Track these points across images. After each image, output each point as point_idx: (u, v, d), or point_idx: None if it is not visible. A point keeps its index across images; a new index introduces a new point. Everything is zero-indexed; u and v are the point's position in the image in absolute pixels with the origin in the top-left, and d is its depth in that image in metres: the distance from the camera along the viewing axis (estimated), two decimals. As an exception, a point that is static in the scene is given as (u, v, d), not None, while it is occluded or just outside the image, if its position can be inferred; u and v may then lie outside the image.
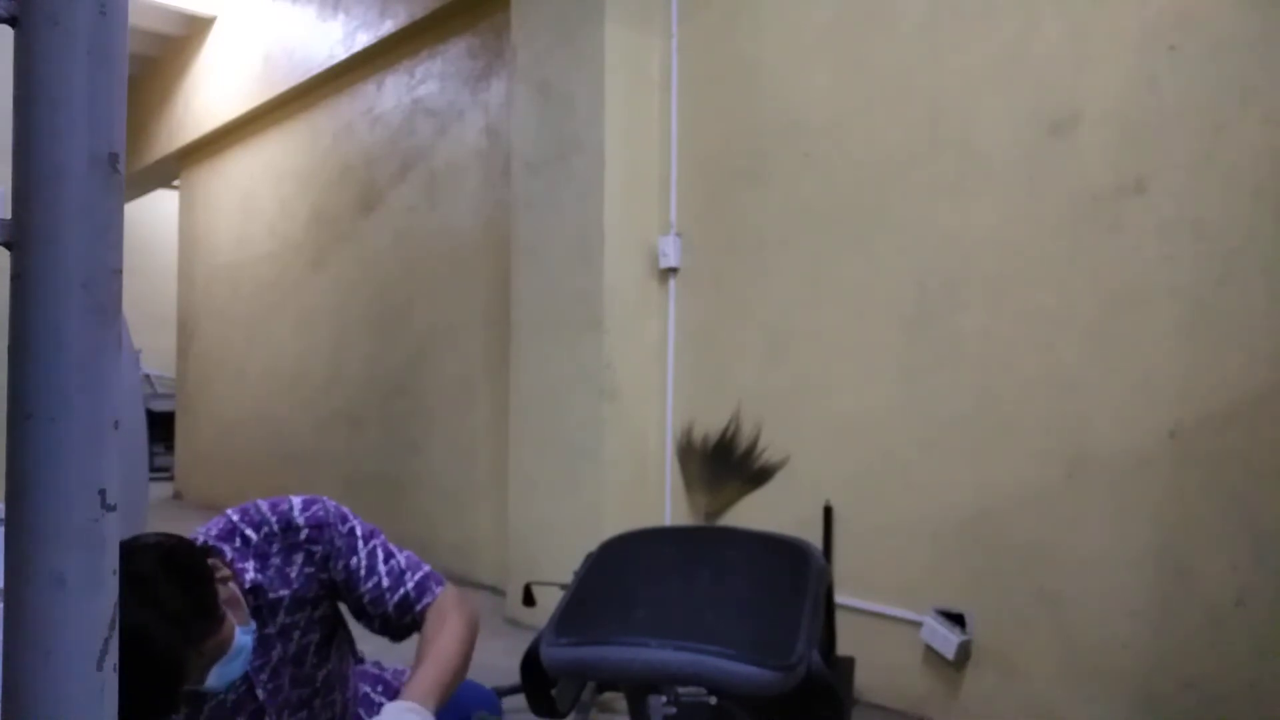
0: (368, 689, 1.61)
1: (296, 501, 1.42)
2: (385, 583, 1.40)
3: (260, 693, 1.38)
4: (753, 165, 3.31)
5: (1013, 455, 2.59)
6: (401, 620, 1.42)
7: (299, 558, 1.38)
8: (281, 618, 1.38)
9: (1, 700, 0.52)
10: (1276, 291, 2.15)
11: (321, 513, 1.41)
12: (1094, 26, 2.46)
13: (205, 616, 1.20)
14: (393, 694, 1.61)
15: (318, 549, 1.39)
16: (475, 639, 1.41)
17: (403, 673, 1.65)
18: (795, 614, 1.57)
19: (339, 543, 1.41)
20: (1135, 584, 2.34)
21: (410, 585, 1.42)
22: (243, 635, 1.28)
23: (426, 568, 1.47)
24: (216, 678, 1.24)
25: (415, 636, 1.45)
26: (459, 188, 4.77)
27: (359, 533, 1.43)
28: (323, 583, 1.41)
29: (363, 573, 1.40)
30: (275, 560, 1.38)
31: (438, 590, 1.44)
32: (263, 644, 1.36)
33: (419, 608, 1.41)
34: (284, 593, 1.38)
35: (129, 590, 1.09)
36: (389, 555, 1.43)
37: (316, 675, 1.46)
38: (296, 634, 1.41)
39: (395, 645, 1.53)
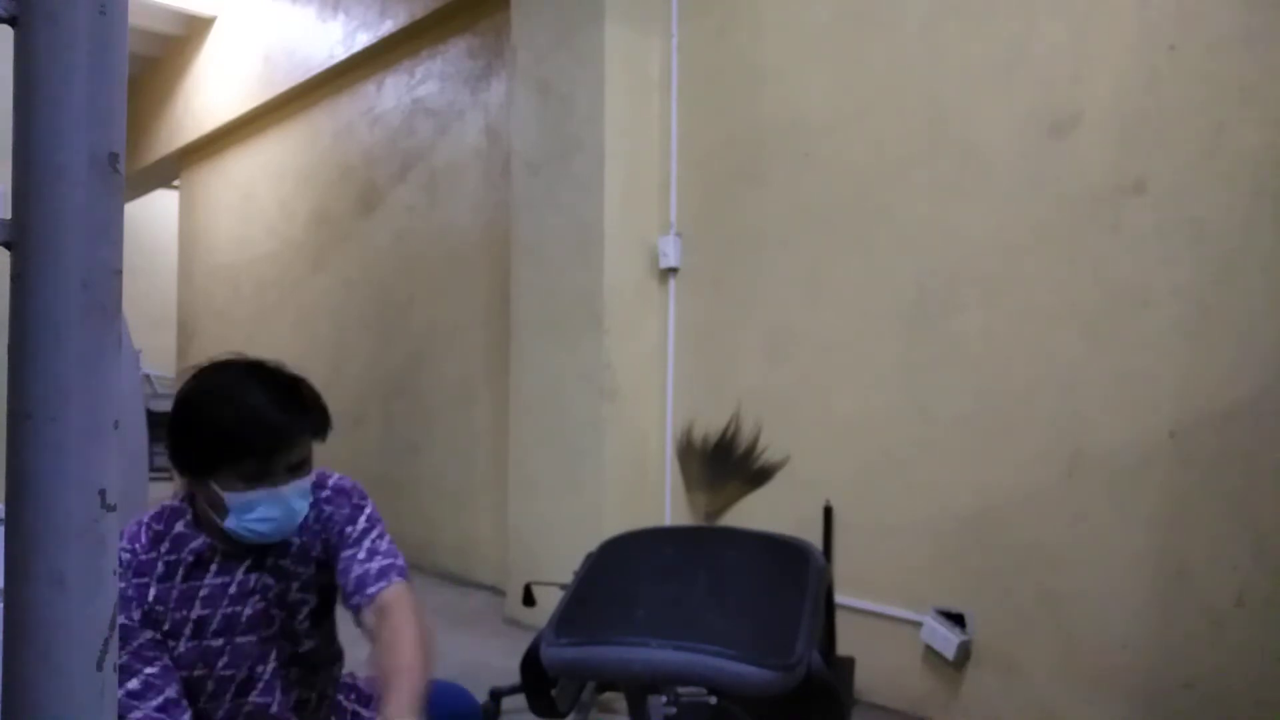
0: (340, 697, 1.63)
1: (332, 472, 1.56)
2: (361, 555, 1.47)
3: (273, 611, 1.45)
4: (753, 165, 3.31)
5: (1013, 455, 2.59)
6: (350, 600, 1.43)
7: (312, 514, 1.48)
8: (287, 562, 1.47)
9: (2, 700, 0.52)
10: (1276, 291, 2.15)
11: (347, 484, 1.55)
12: (1094, 26, 2.46)
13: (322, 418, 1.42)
14: (365, 700, 1.63)
15: (329, 509, 1.50)
16: (432, 636, 1.41)
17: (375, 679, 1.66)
18: (795, 614, 1.57)
19: (347, 509, 1.52)
20: (1135, 584, 2.34)
21: (375, 566, 1.45)
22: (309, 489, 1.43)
23: (400, 562, 1.49)
24: (294, 494, 1.38)
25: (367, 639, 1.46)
26: (459, 188, 4.77)
27: (366, 510, 1.54)
28: (323, 542, 1.50)
29: (351, 540, 1.49)
30: None
31: (394, 579, 1.44)
32: (275, 570, 1.45)
33: (371, 590, 1.42)
34: (295, 540, 1.47)
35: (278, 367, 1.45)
36: (379, 537, 1.51)
37: (303, 641, 1.50)
38: (295, 585, 1.48)
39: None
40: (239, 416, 1.33)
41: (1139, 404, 2.35)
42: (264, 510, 1.36)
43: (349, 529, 1.50)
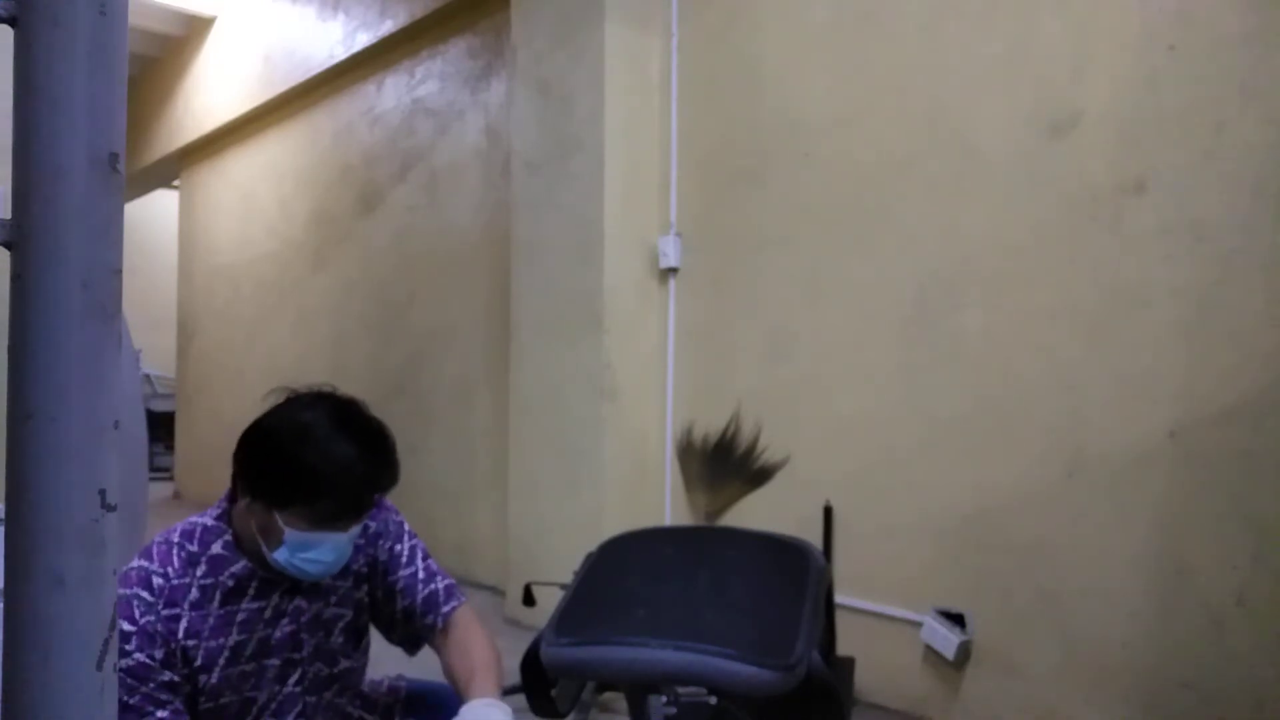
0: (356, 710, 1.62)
1: None
2: (421, 574, 1.52)
3: (302, 636, 1.44)
4: (753, 165, 3.31)
5: (1012, 455, 2.59)
6: (424, 618, 1.51)
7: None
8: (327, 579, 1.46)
9: (2, 700, 0.52)
10: (1276, 291, 2.15)
11: (381, 496, 1.52)
12: (1094, 26, 2.46)
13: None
14: (370, 705, 1.61)
15: (372, 525, 1.50)
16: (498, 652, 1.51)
17: (380, 683, 1.66)
18: (795, 614, 1.57)
19: (391, 526, 1.53)
20: (1135, 584, 2.34)
21: (440, 586, 1.53)
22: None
23: (453, 579, 1.57)
24: (350, 539, 1.37)
25: (432, 649, 1.53)
26: (459, 188, 4.77)
27: (406, 527, 1.56)
28: (368, 558, 1.50)
29: (404, 559, 1.52)
30: None
31: (463, 599, 1.55)
32: (311, 592, 1.44)
33: (445, 609, 1.52)
34: None
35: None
36: (426, 555, 1.56)
37: (338, 660, 1.49)
38: (334, 600, 1.47)
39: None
40: (331, 465, 1.30)
41: (1139, 404, 2.35)
42: (319, 553, 1.34)
43: (398, 547, 1.52)
